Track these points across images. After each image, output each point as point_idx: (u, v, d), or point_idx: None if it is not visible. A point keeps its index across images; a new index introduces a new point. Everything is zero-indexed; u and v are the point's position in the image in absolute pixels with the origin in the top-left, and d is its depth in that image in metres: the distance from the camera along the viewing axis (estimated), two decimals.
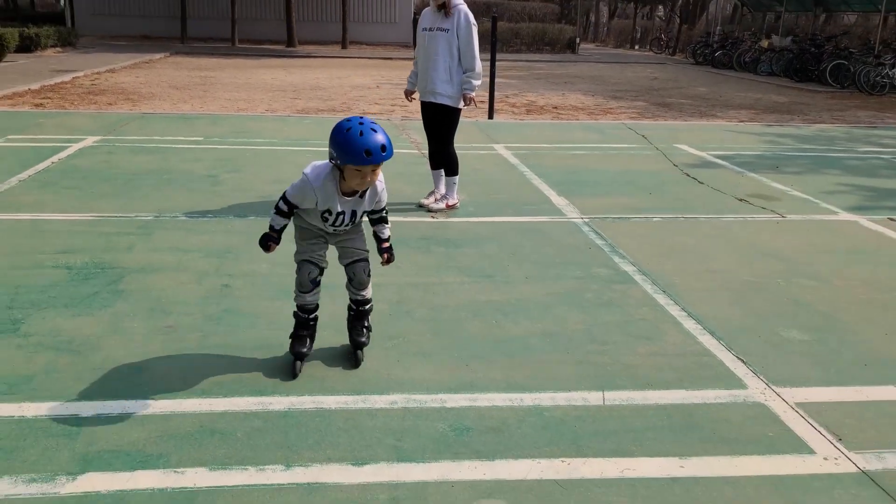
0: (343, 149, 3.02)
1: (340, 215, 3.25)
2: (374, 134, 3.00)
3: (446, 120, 6.03)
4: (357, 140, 2.98)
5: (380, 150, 3.00)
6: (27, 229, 5.25)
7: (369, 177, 3.12)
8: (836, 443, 2.95)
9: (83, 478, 2.59)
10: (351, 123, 3.04)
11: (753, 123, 11.99)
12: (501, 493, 2.60)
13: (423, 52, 5.96)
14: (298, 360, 3.39)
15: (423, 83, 6.01)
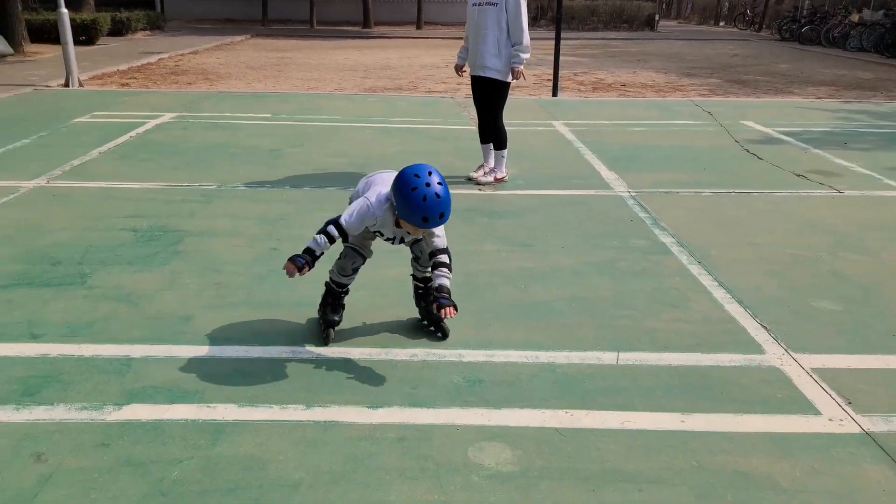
0: (403, 205, 3.01)
1: (391, 240, 3.33)
2: (436, 201, 2.97)
3: (495, 93, 6.14)
4: (419, 204, 2.96)
5: (437, 218, 3.01)
6: (102, 196, 5.69)
7: (420, 236, 3.23)
8: (844, 406, 2.97)
9: (127, 408, 2.89)
10: (419, 182, 2.96)
11: (830, 100, 11.54)
12: (503, 437, 2.75)
13: (473, 27, 6.07)
14: (330, 327, 3.50)
15: (473, 57, 6.12)
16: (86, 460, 2.58)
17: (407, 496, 2.43)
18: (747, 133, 8.55)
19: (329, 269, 3.57)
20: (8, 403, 2.91)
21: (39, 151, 7.07)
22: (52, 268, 4.27)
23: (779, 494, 2.45)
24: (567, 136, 8.40)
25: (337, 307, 3.57)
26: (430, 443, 2.72)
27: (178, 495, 2.42)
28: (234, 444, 2.68)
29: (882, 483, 2.51)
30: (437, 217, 3.01)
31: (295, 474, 2.53)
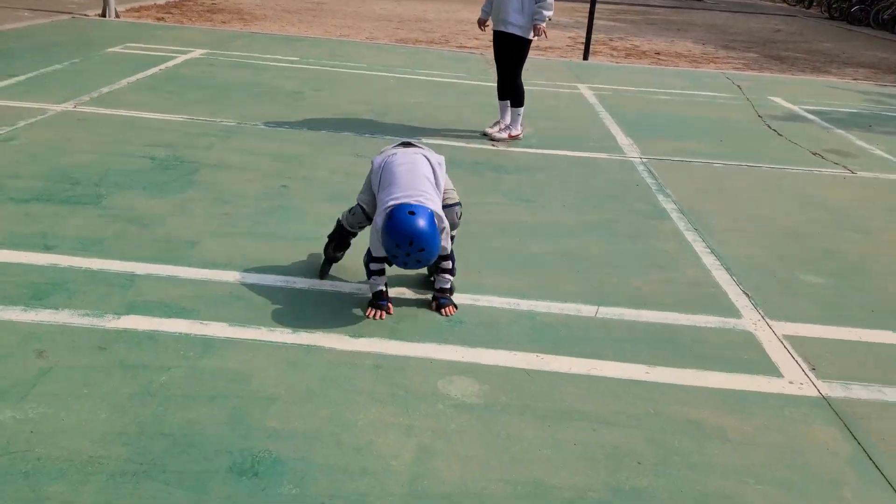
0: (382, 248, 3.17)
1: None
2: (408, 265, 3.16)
3: (516, 50, 6.17)
4: (394, 256, 3.12)
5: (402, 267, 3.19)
6: (125, 124, 5.87)
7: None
8: (807, 371, 3.07)
9: (126, 318, 3.09)
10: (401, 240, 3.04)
11: (866, 82, 11.32)
12: (472, 373, 2.91)
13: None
14: (331, 262, 3.62)
15: (497, 12, 6.14)
16: (83, 360, 2.78)
17: (374, 417, 2.60)
18: (772, 109, 8.47)
19: (343, 211, 3.65)
20: (17, 304, 3.12)
21: (70, 77, 7.26)
22: (70, 187, 4.47)
23: (724, 444, 2.58)
24: (590, 99, 8.39)
25: (342, 245, 3.64)
26: (404, 373, 2.88)
27: (164, 397, 2.61)
28: (221, 358, 2.87)
29: (828, 444, 2.62)
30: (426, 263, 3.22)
31: (274, 389, 2.71)
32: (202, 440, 2.41)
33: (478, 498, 2.25)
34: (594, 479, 2.36)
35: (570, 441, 2.54)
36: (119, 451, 2.33)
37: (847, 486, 2.41)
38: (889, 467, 2.51)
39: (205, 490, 2.20)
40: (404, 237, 3.04)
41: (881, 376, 3.07)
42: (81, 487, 2.17)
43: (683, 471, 2.43)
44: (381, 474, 2.32)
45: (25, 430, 2.39)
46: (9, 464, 2.24)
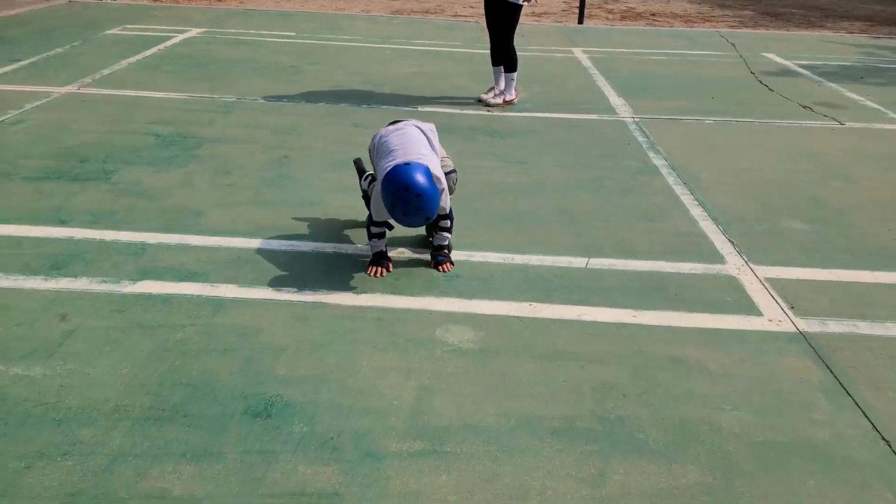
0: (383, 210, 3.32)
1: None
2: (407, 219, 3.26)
3: (507, 16, 6.26)
4: (395, 215, 3.26)
5: (425, 220, 3.31)
6: (128, 103, 6.02)
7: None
8: (786, 310, 3.24)
9: (141, 283, 3.27)
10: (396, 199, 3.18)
11: (861, 35, 11.34)
12: (468, 321, 3.09)
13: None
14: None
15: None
16: (103, 322, 2.97)
17: (377, 363, 2.79)
18: (765, 65, 8.54)
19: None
20: (38, 275, 3.30)
21: (71, 60, 7.39)
22: (79, 165, 4.64)
23: (704, 377, 2.76)
24: (584, 63, 8.48)
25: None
26: (404, 323, 3.06)
27: (180, 353, 2.80)
28: (231, 316, 3.06)
29: (801, 372, 2.80)
30: (425, 220, 3.31)
31: (282, 341, 2.90)
32: (218, 388, 2.60)
33: (473, 430, 2.44)
34: (581, 410, 2.55)
35: (560, 378, 2.72)
36: (142, 399, 2.53)
37: (818, 409, 2.59)
38: (858, 392, 2.69)
39: (224, 430, 2.39)
40: (400, 184, 3.16)
41: (856, 311, 3.24)
42: (111, 432, 2.37)
43: (665, 400, 2.61)
44: (385, 412, 2.51)
45: (55, 384, 2.58)
46: (42, 413, 2.43)
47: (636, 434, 2.44)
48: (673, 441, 2.41)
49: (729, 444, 2.40)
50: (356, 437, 2.39)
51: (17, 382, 2.58)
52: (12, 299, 3.11)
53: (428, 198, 3.19)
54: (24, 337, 2.85)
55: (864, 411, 2.58)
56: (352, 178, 4.54)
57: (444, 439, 2.39)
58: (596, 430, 2.45)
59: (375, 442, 2.37)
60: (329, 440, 2.37)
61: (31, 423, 2.39)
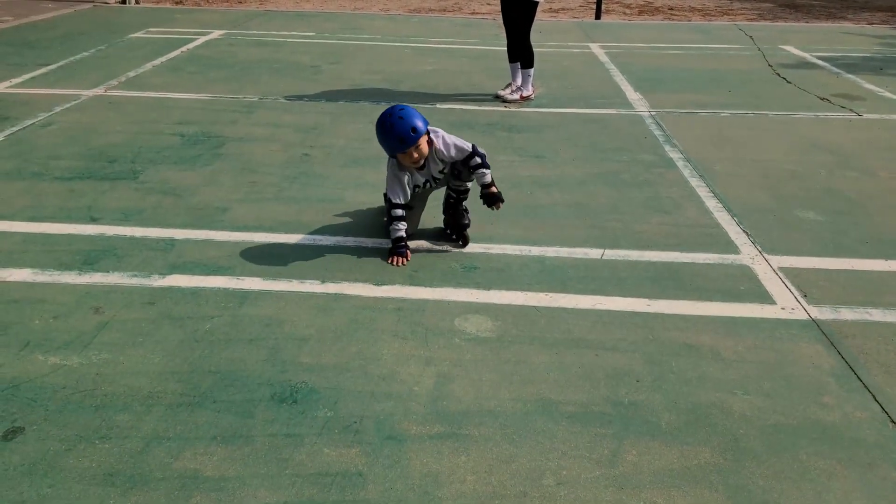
0: (385, 145, 3.52)
1: (425, 182, 3.68)
2: (401, 122, 3.43)
3: (523, 13, 6.33)
4: (390, 133, 3.45)
5: (410, 134, 3.42)
6: (154, 105, 6.17)
7: (415, 154, 3.49)
8: (800, 298, 3.29)
9: (170, 277, 3.40)
10: (382, 119, 3.49)
11: (882, 26, 11.26)
12: (486, 312, 3.17)
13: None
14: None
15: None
16: (135, 314, 3.10)
17: (397, 351, 2.89)
18: (783, 57, 8.53)
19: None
20: (72, 270, 3.44)
21: (98, 63, 7.57)
22: (108, 164, 4.79)
23: (717, 363, 2.82)
24: (601, 58, 8.52)
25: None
26: (423, 313, 3.16)
27: (209, 343, 2.91)
28: (257, 307, 3.17)
29: (813, 358, 2.86)
30: (410, 133, 3.43)
31: (306, 331, 3.00)
32: (245, 375, 2.71)
33: (491, 414, 2.53)
34: (596, 396, 2.63)
35: (575, 365, 2.80)
36: (174, 386, 2.64)
37: (829, 393, 2.65)
38: (868, 376, 2.74)
39: (251, 415, 2.50)
40: (386, 111, 3.51)
41: (868, 299, 3.28)
42: (145, 416, 2.48)
43: (678, 386, 2.68)
44: (405, 397, 2.61)
45: (91, 372, 2.71)
46: (80, 399, 2.56)
47: (649, 417, 2.51)
48: (685, 423, 2.48)
49: (740, 426, 2.47)
50: (378, 421, 2.49)
51: (56, 371, 2.71)
52: (48, 294, 3.24)
53: (410, 112, 3.48)
54: (61, 329, 2.98)
55: (874, 395, 2.63)
56: (371, 174, 4.65)
57: (462, 423, 2.48)
58: (609, 414, 2.53)
59: (396, 425, 2.47)
60: (352, 424, 2.47)
61: (70, 409, 2.52)
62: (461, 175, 3.68)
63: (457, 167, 3.66)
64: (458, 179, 3.72)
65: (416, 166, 3.58)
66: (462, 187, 3.77)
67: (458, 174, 3.69)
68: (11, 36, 8.98)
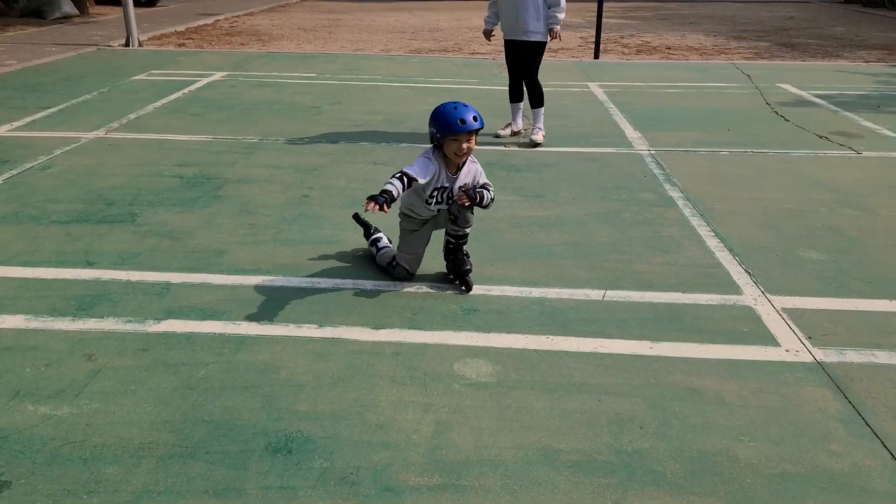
0: (441, 123, 3.52)
1: (444, 191, 3.64)
2: (466, 109, 3.53)
3: (536, 55, 6.41)
4: (452, 113, 3.51)
5: (472, 120, 3.50)
6: (154, 147, 6.19)
7: (465, 144, 3.53)
8: (804, 340, 3.23)
9: (165, 322, 3.35)
10: (447, 104, 3.58)
11: (878, 64, 11.35)
12: (486, 355, 3.12)
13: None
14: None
15: (513, 24, 6.32)
16: (128, 361, 3.05)
17: (395, 397, 2.83)
18: (781, 96, 8.58)
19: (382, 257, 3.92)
20: (66, 316, 3.40)
21: (100, 106, 7.62)
22: (106, 207, 4.77)
23: (722, 407, 2.76)
24: (600, 96, 8.58)
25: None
26: (422, 357, 3.10)
27: (203, 390, 2.86)
28: (252, 353, 3.12)
29: (819, 402, 2.79)
30: (472, 119, 3.49)
31: (302, 378, 2.95)
32: (239, 424, 2.65)
33: (491, 464, 2.46)
34: (599, 444, 2.56)
35: (577, 411, 2.74)
36: (166, 437, 2.58)
37: (837, 440, 2.58)
38: (877, 422, 2.67)
39: (244, 467, 2.44)
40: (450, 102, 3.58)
41: (874, 341, 3.22)
42: (135, 469, 2.42)
43: (682, 432, 2.62)
44: (403, 446, 2.54)
45: (81, 422, 2.65)
46: (69, 451, 2.50)
47: (654, 466, 2.44)
48: (690, 473, 2.41)
49: (746, 475, 2.40)
50: (375, 472, 2.42)
51: (46, 422, 2.65)
52: (41, 340, 3.20)
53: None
54: (52, 377, 2.93)
55: (884, 441, 2.56)
56: (371, 216, 4.62)
57: (461, 473, 2.42)
58: (613, 463, 2.46)
59: (394, 476, 2.40)
60: (348, 475, 2.40)
61: (58, 462, 2.45)
62: (457, 220, 3.68)
63: (452, 211, 3.66)
64: (455, 224, 3.71)
65: (459, 160, 3.61)
66: (460, 232, 3.74)
67: (455, 218, 3.68)
68: (14, 79, 9.07)
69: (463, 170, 3.68)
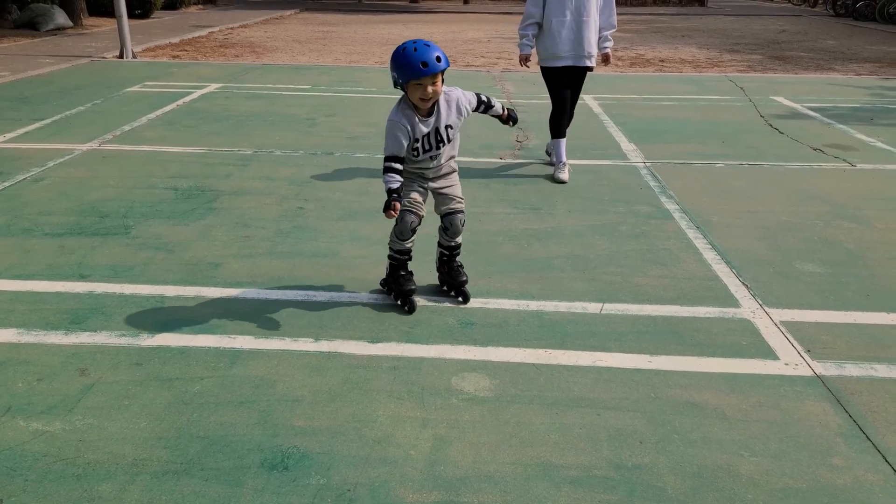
0: (402, 66, 3.22)
1: (425, 137, 3.38)
2: (427, 49, 3.20)
3: (581, 80, 5.84)
4: (413, 56, 3.19)
5: (435, 61, 3.18)
6: (148, 159, 6.16)
7: (430, 88, 3.24)
8: (803, 353, 3.22)
9: (159, 336, 3.32)
10: (406, 45, 3.25)
11: (870, 76, 11.43)
12: (484, 369, 3.09)
13: (564, 8, 5.45)
14: (410, 296, 3.61)
15: (572, 47, 5.52)
16: (122, 375, 3.01)
17: (392, 412, 2.80)
18: (775, 108, 8.62)
19: (388, 243, 3.67)
20: (59, 329, 3.36)
21: (93, 118, 7.60)
22: (100, 220, 4.74)
23: (721, 421, 2.74)
24: (595, 109, 8.60)
25: (407, 276, 3.66)
26: (419, 372, 3.07)
27: (198, 405, 2.82)
28: (248, 367, 3.08)
29: (819, 416, 2.77)
30: (435, 59, 3.18)
31: (298, 392, 2.92)
32: (235, 440, 2.61)
33: (490, 480, 2.43)
34: (598, 458, 2.53)
35: (576, 426, 2.72)
36: (160, 453, 2.54)
37: (838, 455, 2.56)
38: (878, 436, 2.65)
39: (240, 484, 2.40)
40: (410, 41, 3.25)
41: (873, 354, 3.21)
42: (128, 486, 2.38)
43: (683, 447, 2.59)
44: (401, 462, 2.51)
45: (74, 438, 2.61)
46: (62, 468, 2.46)
47: (654, 482, 2.42)
48: (691, 488, 2.39)
49: (748, 491, 2.38)
50: (372, 489, 2.39)
51: (38, 438, 2.61)
52: (33, 354, 3.16)
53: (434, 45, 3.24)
54: (45, 392, 2.89)
55: (885, 455, 2.54)
56: (367, 228, 4.63)
57: (460, 489, 2.39)
58: (613, 479, 2.44)
59: (392, 493, 2.37)
60: (346, 492, 2.37)
61: (50, 479, 2.41)
62: (448, 230, 3.63)
63: (449, 220, 3.59)
64: (446, 234, 3.66)
65: (426, 105, 3.32)
66: (451, 242, 3.70)
67: (446, 229, 3.64)
68: (8, 91, 9.04)
69: (442, 109, 3.39)
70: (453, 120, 3.44)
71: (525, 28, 5.63)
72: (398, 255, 3.65)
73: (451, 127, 3.45)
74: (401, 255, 3.65)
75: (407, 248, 3.63)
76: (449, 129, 3.45)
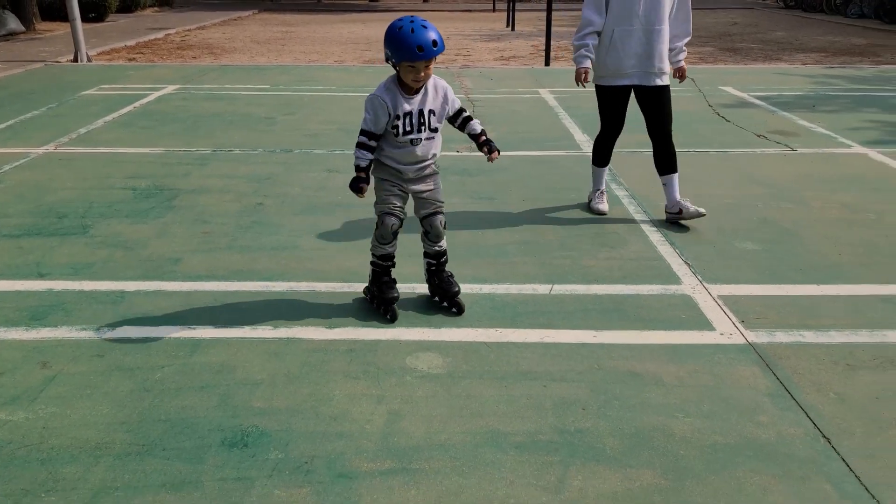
0: (397, 46, 3.13)
1: (408, 116, 3.31)
2: (424, 31, 3.11)
3: (668, 101, 4.83)
4: (409, 37, 3.09)
5: (431, 45, 3.11)
6: (105, 160, 6.18)
7: (423, 72, 3.21)
8: (737, 324, 3.42)
9: (120, 329, 3.39)
10: (403, 23, 3.15)
11: (815, 66, 11.81)
12: (437, 349, 3.23)
13: (639, 16, 4.49)
14: (392, 304, 3.52)
15: (639, 61, 4.58)
16: (83, 367, 3.08)
17: (349, 391, 2.92)
18: (722, 98, 8.90)
19: (370, 249, 3.59)
20: (19, 326, 3.42)
21: (49, 121, 7.57)
22: (58, 220, 4.78)
23: (659, 387, 2.91)
24: (550, 102, 8.79)
25: (390, 283, 3.57)
26: (375, 353, 3.20)
27: (159, 391, 2.91)
28: (208, 355, 3.18)
29: (749, 380, 2.96)
30: (432, 45, 3.11)
31: (257, 376, 3.02)
32: (195, 422, 2.71)
33: (441, 448, 2.57)
34: (543, 425, 2.69)
35: (523, 396, 2.87)
36: (122, 436, 2.63)
37: (764, 413, 2.75)
38: (801, 395, 2.85)
39: (201, 461, 2.50)
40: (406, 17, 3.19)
41: (802, 322, 3.42)
42: (92, 468, 2.47)
43: (622, 412, 2.76)
44: (356, 436, 2.63)
45: (38, 426, 2.69)
46: (26, 454, 2.54)
47: (594, 443, 2.58)
48: (628, 448, 2.55)
49: (680, 448, 2.55)
50: (329, 461, 2.51)
51: (2, 427, 2.68)
52: None
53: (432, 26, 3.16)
54: (6, 385, 2.96)
55: (807, 412, 2.73)
56: (326, 221, 4.74)
57: (412, 458, 2.52)
58: (556, 442, 2.59)
59: (347, 464, 2.49)
60: (303, 464, 2.49)
61: (16, 464, 2.49)
62: (429, 234, 3.55)
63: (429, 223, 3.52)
64: (428, 239, 3.57)
65: (415, 86, 3.28)
66: (436, 247, 3.59)
67: (427, 233, 3.56)
68: None
69: (429, 92, 3.35)
70: (438, 106, 3.38)
71: (583, 38, 4.63)
72: (381, 262, 3.56)
73: (434, 113, 3.38)
74: (383, 262, 3.56)
75: (390, 253, 3.55)
76: (432, 115, 3.37)
